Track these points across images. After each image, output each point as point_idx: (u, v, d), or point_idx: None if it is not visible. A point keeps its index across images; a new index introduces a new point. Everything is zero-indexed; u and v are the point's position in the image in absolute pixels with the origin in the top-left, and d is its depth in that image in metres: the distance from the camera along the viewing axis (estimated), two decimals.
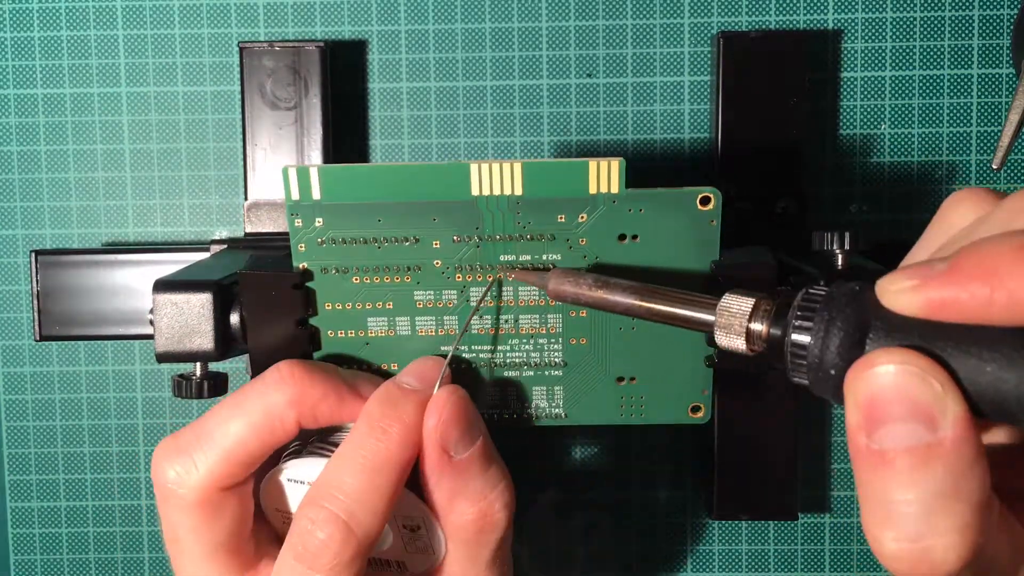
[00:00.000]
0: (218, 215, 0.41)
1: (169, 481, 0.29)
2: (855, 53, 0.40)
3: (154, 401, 0.42)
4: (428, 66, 0.41)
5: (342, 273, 0.32)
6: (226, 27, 0.40)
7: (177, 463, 0.29)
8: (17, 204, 0.41)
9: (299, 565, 0.27)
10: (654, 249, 0.31)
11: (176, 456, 0.29)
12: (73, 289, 0.38)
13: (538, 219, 0.31)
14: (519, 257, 0.31)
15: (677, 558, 0.42)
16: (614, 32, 0.40)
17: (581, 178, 0.30)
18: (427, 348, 0.32)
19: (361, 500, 0.27)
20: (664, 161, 0.41)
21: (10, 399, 0.42)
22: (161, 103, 0.41)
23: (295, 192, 0.31)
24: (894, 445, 0.18)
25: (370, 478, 0.28)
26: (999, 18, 0.40)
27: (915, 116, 0.40)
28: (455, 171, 0.30)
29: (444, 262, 0.31)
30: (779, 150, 0.38)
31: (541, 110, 0.41)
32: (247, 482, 0.30)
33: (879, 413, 0.19)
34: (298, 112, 0.38)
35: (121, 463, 0.42)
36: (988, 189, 0.22)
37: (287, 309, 0.31)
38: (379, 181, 0.31)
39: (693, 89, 0.40)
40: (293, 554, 0.27)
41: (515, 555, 0.42)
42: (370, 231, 0.31)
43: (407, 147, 0.41)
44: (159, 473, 0.29)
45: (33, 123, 0.41)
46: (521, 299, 0.32)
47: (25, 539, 0.42)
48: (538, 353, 0.33)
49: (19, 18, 0.40)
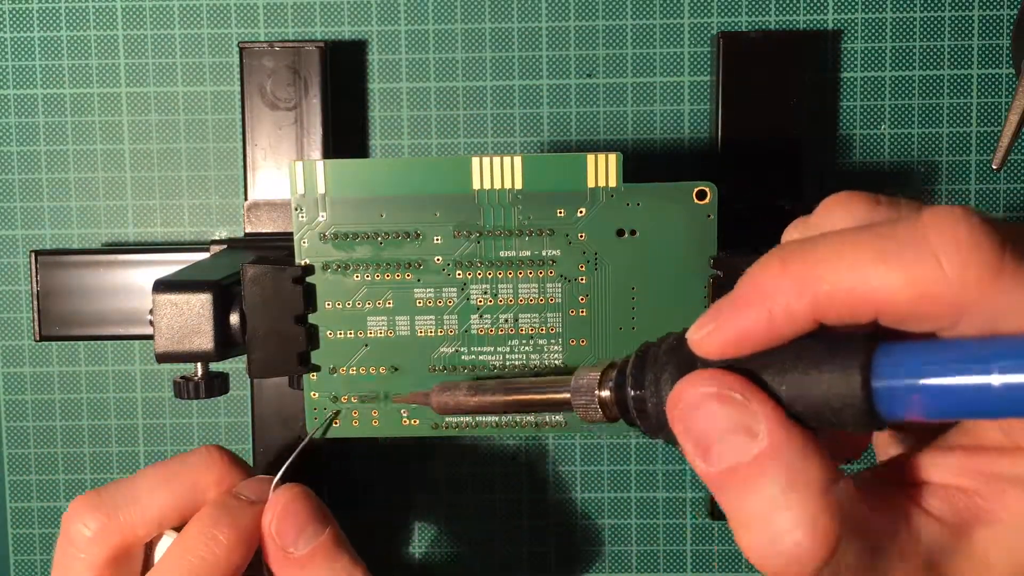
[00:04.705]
0: (218, 215, 0.41)
1: (82, 535, 0.30)
2: (855, 53, 0.40)
3: (154, 401, 0.42)
4: (428, 66, 0.41)
5: (343, 270, 0.32)
6: (226, 27, 0.40)
7: (96, 519, 0.30)
8: (17, 204, 0.41)
9: None
10: (653, 244, 0.31)
11: (96, 512, 0.30)
12: (73, 289, 0.38)
13: (538, 213, 0.31)
14: (519, 253, 0.32)
15: (677, 558, 0.42)
16: (614, 32, 0.40)
17: (580, 172, 0.31)
18: (426, 349, 0.32)
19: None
20: (664, 161, 0.41)
21: (10, 399, 0.42)
22: (161, 103, 0.41)
23: (301, 187, 0.31)
24: (726, 463, 0.19)
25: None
26: (999, 18, 0.40)
27: (915, 116, 0.40)
28: (456, 165, 0.31)
29: (445, 258, 0.32)
30: (779, 150, 0.38)
31: (541, 110, 0.41)
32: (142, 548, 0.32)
33: (702, 439, 0.20)
34: (298, 112, 0.38)
35: (121, 463, 0.42)
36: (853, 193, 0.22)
37: (287, 304, 0.31)
38: (382, 175, 0.31)
39: (693, 89, 0.40)
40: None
41: (514, 556, 0.42)
42: (372, 225, 0.31)
43: (407, 147, 0.41)
44: (74, 525, 0.30)
45: (33, 123, 0.41)
46: (521, 298, 0.32)
47: (25, 539, 0.42)
48: (538, 354, 0.33)
49: (19, 18, 0.41)
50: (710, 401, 0.19)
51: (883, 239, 0.18)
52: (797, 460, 0.19)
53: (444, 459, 0.42)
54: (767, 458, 0.19)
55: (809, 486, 0.19)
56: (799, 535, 0.18)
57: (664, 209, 0.31)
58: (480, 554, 0.42)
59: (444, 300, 0.32)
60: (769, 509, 0.19)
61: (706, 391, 0.20)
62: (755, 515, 0.19)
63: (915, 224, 0.18)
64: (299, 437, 0.34)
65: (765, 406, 0.19)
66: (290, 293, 0.31)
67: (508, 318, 0.32)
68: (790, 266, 0.19)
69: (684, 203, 0.31)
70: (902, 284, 0.18)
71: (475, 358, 0.32)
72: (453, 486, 0.42)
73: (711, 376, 0.20)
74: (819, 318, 0.19)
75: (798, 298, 0.19)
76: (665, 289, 0.32)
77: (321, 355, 0.32)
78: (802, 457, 0.19)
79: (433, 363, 0.33)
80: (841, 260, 0.18)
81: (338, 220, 0.31)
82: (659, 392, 0.21)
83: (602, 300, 0.32)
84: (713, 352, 0.20)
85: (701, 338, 0.20)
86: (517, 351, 0.32)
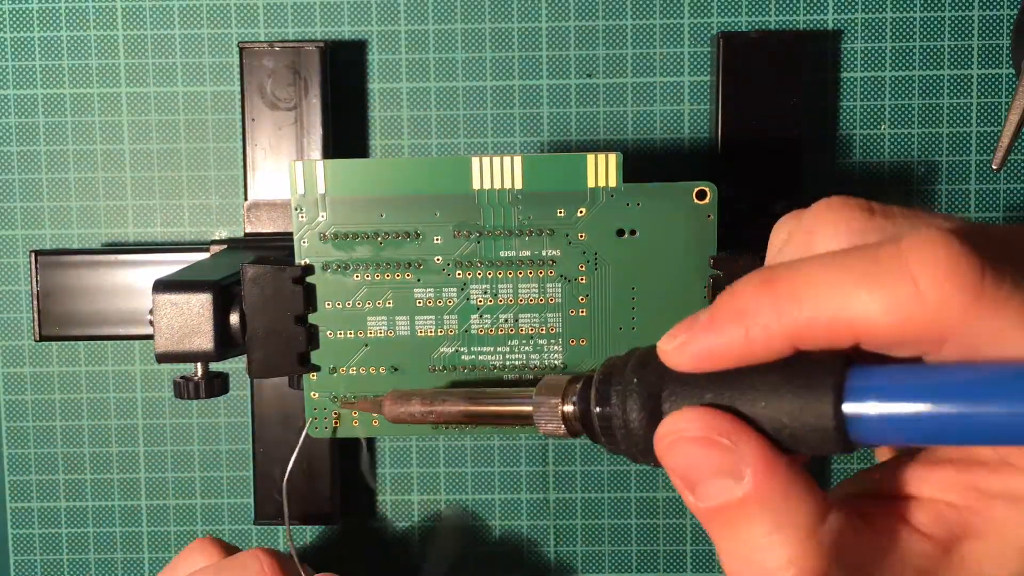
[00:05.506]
0: (218, 215, 0.41)
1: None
2: (855, 53, 0.40)
3: (154, 401, 0.42)
4: (428, 66, 0.41)
5: (343, 270, 0.32)
6: (226, 27, 0.40)
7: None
8: (17, 204, 0.41)
9: None
10: (653, 244, 0.31)
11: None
12: (73, 289, 0.38)
13: (538, 213, 0.31)
14: (519, 253, 0.32)
15: (677, 558, 0.42)
16: (614, 32, 0.40)
17: (580, 171, 0.31)
18: (426, 349, 0.32)
19: None
20: (664, 161, 0.41)
21: (10, 399, 0.42)
22: (161, 103, 0.41)
23: (301, 187, 0.31)
24: (713, 502, 0.19)
25: None
26: (999, 18, 0.40)
27: (915, 116, 0.40)
28: (456, 165, 0.31)
29: (444, 258, 0.32)
30: (779, 151, 0.38)
31: (541, 110, 0.41)
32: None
33: (689, 477, 0.20)
34: (298, 112, 0.38)
35: (121, 463, 0.42)
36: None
37: (287, 304, 0.31)
38: (382, 175, 0.31)
39: (693, 89, 0.40)
40: None
41: (514, 555, 0.42)
42: (372, 226, 0.31)
43: (407, 147, 0.41)
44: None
45: (33, 123, 0.41)
46: (521, 298, 0.32)
47: (25, 539, 0.42)
48: (538, 354, 0.33)
49: (19, 18, 0.41)
50: (696, 444, 0.19)
51: (865, 263, 0.18)
52: (783, 502, 0.19)
53: (444, 459, 0.42)
54: (752, 502, 0.19)
55: (796, 528, 0.19)
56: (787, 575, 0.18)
57: (664, 209, 0.31)
58: (480, 554, 0.42)
59: (444, 300, 0.32)
60: (754, 550, 0.19)
61: (693, 435, 0.19)
62: (741, 554, 0.19)
63: (896, 249, 0.18)
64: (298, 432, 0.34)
65: (750, 447, 0.19)
66: (290, 293, 0.31)
67: (508, 318, 0.32)
68: (772, 287, 0.19)
69: (684, 203, 0.31)
70: (882, 310, 0.17)
71: (475, 358, 0.32)
72: (453, 486, 0.42)
73: (698, 417, 0.19)
74: (797, 342, 0.19)
75: (777, 320, 0.18)
76: (665, 289, 0.32)
77: (321, 355, 0.32)
78: (788, 499, 0.19)
79: (433, 363, 0.33)
80: (823, 285, 0.18)
81: (338, 220, 0.31)
82: (625, 412, 0.21)
83: (602, 300, 0.32)
84: (683, 366, 0.20)
85: (673, 349, 0.20)
86: (517, 351, 0.32)
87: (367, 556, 0.42)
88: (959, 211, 0.40)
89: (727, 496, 0.19)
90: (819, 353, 0.19)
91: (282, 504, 0.34)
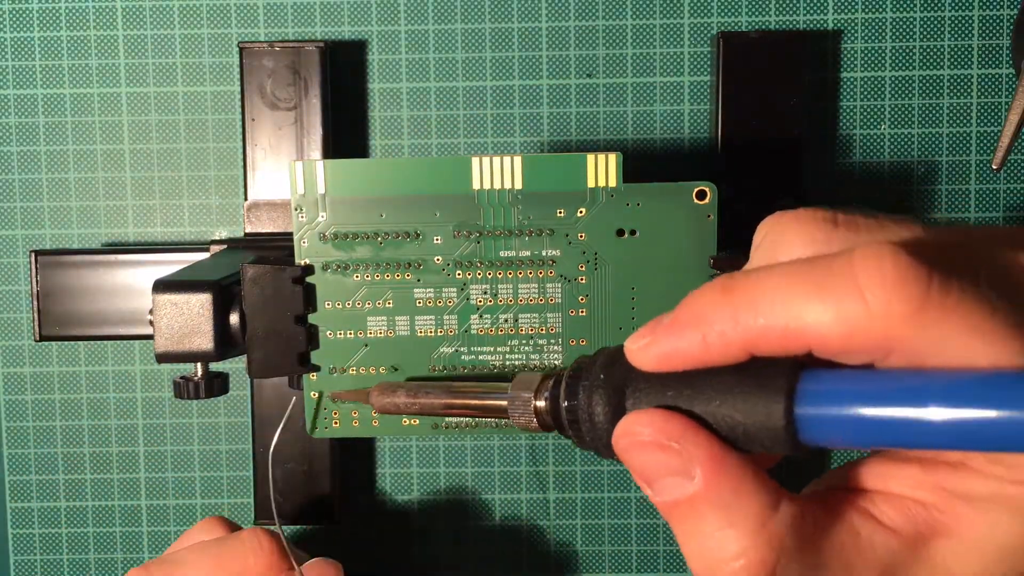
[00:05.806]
0: (218, 215, 0.41)
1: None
2: (855, 53, 0.40)
3: (154, 401, 0.42)
4: (428, 66, 0.41)
5: (343, 270, 0.32)
6: (226, 27, 0.40)
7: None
8: (17, 204, 0.41)
9: None
10: (653, 244, 0.31)
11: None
12: (73, 289, 0.38)
13: (538, 213, 0.31)
14: (519, 253, 0.32)
15: (677, 558, 0.42)
16: (614, 32, 0.40)
17: (580, 171, 0.31)
18: (426, 349, 0.32)
19: None
20: (664, 161, 0.41)
21: (10, 399, 0.42)
22: (161, 103, 0.41)
23: (301, 186, 0.31)
24: (668, 497, 0.20)
25: None
26: (999, 18, 0.40)
27: (915, 116, 0.40)
28: (456, 165, 0.31)
29: (444, 258, 0.32)
30: (779, 150, 0.38)
31: (541, 110, 0.41)
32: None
33: (645, 474, 0.21)
34: (298, 112, 0.38)
35: (121, 463, 0.42)
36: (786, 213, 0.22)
37: (287, 304, 0.31)
38: (382, 175, 0.31)
39: (693, 89, 0.40)
40: None
41: (514, 555, 0.42)
42: (372, 226, 0.31)
43: (407, 147, 0.41)
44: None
45: (33, 123, 0.41)
46: (521, 298, 0.32)
47: (25, 539, 0.42)
48: (538, 354, 0.33)
49: (19, 18, 0.41)
50: (648, 447, 0.20)
51: (818, 275, 0.18)
52: (733, 498, 0.20)
53: (444, 459, 0.42)
54: (702, 499, 0.20)
55: (746, 521, 0.19)
56: (736, 567, 0.19)
57: (664, 209, 0.31)
58: (480, 554, 0.42)
59: (444, 300, 0.32)
60: (708, 542, 0.20)
61: (645, 439, 0.20)
62: (696, 545, 0.20)
63: (847, 261, 0.18)
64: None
65: (699, 448, 0.20)
66: (290, 293, 0.31)
67: (508, 318, 0.32)
68: (730, 295, 0.19)
69: (684, 203, 0.31)
70: (831, 321, 0.18)
71: (475, 358, 0.33)
72: (453, 486, 0.42)
73: (650, 420, 0.20)
74: (752, 349, 0.19)
75: (734, 327, 0.19)
76: (665, 289, 0.32)
77: (321, 355, 0.32)
78: (738, 495, 0.20)
79: (433, 363, 0.33)
80: (777, 295, 0.19)
81: (338, 220, 0.31)
82: (591, 407, 0.22)
83: (602, 300, 0.32)
84: (647, 365, 0.21)
85: (638, 349, 0.21)
86: (517, 351, 0.32)
87: (367, 556, 0.42)
88: (959, 211, 0.40)
89: (680, 493, 0.20)
90: (774, 357, 0.19)
91: (281, 504, 0.34)
